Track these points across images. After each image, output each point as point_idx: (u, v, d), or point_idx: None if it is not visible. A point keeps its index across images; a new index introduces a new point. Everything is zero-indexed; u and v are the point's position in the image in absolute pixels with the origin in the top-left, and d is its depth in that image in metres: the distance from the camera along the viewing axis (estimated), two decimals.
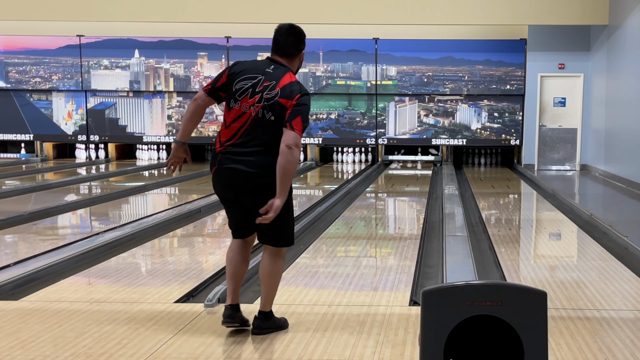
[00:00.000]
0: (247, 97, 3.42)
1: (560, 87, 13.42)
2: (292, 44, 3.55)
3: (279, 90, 3.41)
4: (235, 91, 3.45)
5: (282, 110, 3.39)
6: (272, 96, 3.40)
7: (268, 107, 3.40)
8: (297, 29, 3.59)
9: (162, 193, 10.05)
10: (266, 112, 3.40)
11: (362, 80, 13.95)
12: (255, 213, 3.42)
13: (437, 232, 6.68)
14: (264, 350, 3.35)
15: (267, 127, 3.40)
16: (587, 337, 3.57)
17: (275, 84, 3.42)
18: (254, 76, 3.46)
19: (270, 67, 3.49)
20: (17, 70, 14.41)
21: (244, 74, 3.46)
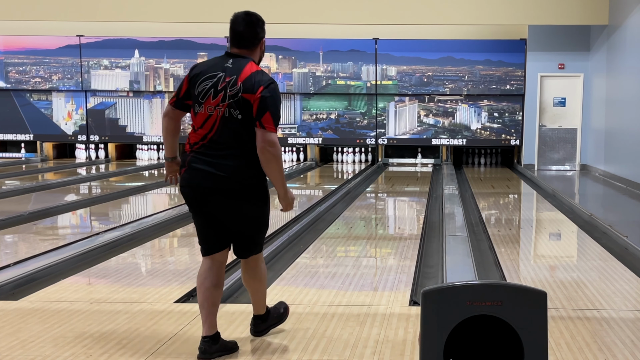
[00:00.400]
0: (209, 98, 3.18)
1: (560, 87, 13.41)
2: (251, 34, 3.30)
3: (241, 85, 3.15)
4: (198, 94, 3.21)
5: (248, 106, 3.14)
6: (235, 92, 3.15)
7: (234, 104, 3.14)
8: (254, 16, 3.34)
9: (162, 193, 10.05)
10: (233, 111, 3.15)
11: (362, 80, 13.95)
12: (225, 222, 3.25)
13: (437, 232, 6.67)
14: (264, 350, 3.35)
15: (237, 126, 3.16)
16: (587, 337, 3.57)
17: (236, 79, 3.17)
18: (213, 74, 3.21)
19: (229, 61, 3.25)
20: (17, 70, 14.41)
21: (204, 75, 3.23)
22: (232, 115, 3.15)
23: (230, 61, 3.24)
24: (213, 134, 3.18)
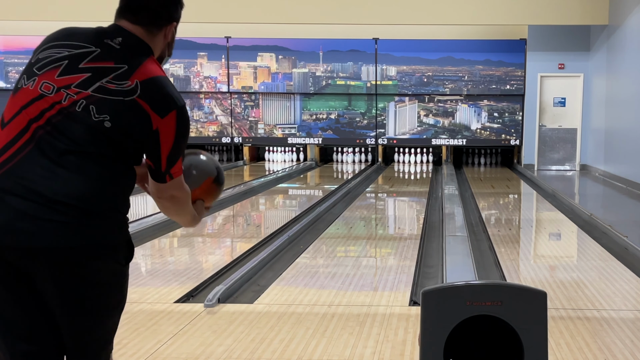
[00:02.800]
0: (54, 72, 1.84)
1: (560, 87, 13.42)
2: (158, 4, 2.01)
3: (138, 85, 1.86)
4: (35, 63, 1.88)
5: (142, 121, 1.85)
6: (120, 89, 1.84)
7: (103, 102, 1.82)
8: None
9: None
10: (94, 110, 1.82)
11: (362, 80, 13.95)
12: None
13: (437, 232, 6.67)
14: (264, 350, 3.35)
15: (90, 134, 1.81)
16: (587, 337, 3.57)
17: (129, 71, 1.87)
18: (78, 44, 1.89)
19: (115, 38, 1.93)
20: (17, 70, 14.40)
21: (58, 41, 1.91)
22: (91, 113, 1.81)
23: (119, 40, 1.93)
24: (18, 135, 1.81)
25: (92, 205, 1.79)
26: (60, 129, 1.79)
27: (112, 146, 1.83)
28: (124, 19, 1.99)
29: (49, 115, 1.79)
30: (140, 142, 1.88)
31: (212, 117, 14.25)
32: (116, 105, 1.82)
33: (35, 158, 1.76)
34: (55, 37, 1.93)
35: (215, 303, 4.02)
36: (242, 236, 6.41)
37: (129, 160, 1.90)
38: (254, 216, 8.17)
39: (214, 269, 5.05)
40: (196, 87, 14.14)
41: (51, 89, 1.82)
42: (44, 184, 1.74)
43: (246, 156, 14.35)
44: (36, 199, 1.73)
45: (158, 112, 1.87)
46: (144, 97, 1.85)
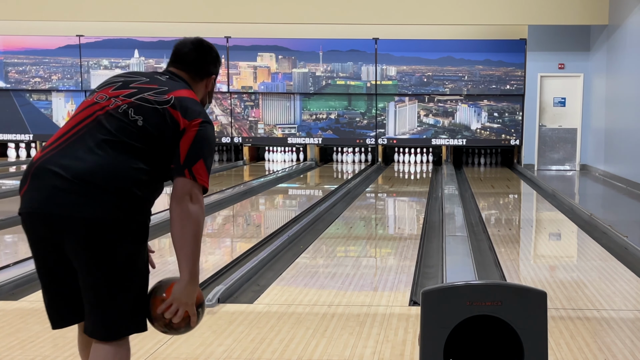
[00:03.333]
0: (109, 88, 2.32)
1: (560, 87, 13.42)
2: (200, 58, 2.46)
3: (173, 98, 2.26)
4: (98, 86, 2.40)
5: (171, 123, 2.23)
6: (158, 99, 2.25)
7: (141, 108, 2.23)
8: (209, 45, 2.50)
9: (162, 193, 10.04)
10: (132, 112, 2.22)
11: (362, 80, 13.95)
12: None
13: (437, 232, 6.67)
14: (264, 350, 3.35)
15: (124, 129, 2.20)
16: (587, 337, 3.57)
17: (167, 90, 2.29)
18: (133, 75, 2.39)
19: (163, 75, 2.41)
20: (17, 70, 14.41)
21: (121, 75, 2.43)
22: (128, 114, 2.21)
23: (166, 77, 2.38)
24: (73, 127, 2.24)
25: (106, 183, 2.13)
26: (102, 123, 2.20)
27: (140, 140, 2.20)
28: (173, 66, 2.47)
29: (97, 114, 2.23)
30: (167, 139, 2.24)
31: (212, 117, 14.25)
32: (150, 110, 2.24)
33: (78, 144, 2.18)
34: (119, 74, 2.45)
35: (215, 303, 4.02)
36: (242, 236, 6.41)
37: (157, 155, 2.25)
38: (254, 216, 8.17)
39: (214, 269, 5.05)
40: None
41: (104, 98, 2.28)
42: (75, 164, 2.14)
43: (246, 156, 14.35)
44: (66, 176, 2.12)
45: (186, 117, 2.26)
46: (176, 107, 2.26)
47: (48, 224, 2.17)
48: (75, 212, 2.12)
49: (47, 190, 2.15)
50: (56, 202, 2.13)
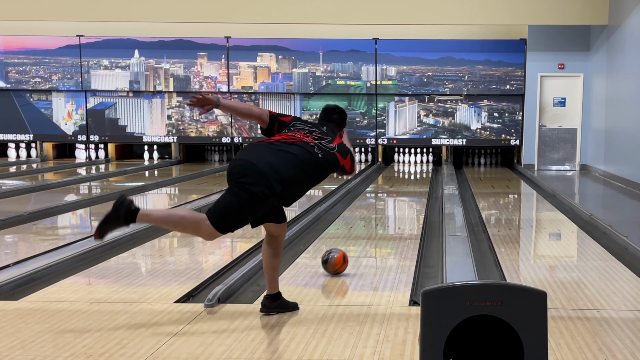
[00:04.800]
0: (302, 132, 3.87)
1: (560, 87, 13.42)
2: (336, 120, 4.08)
3: (337, 147, 3.90)
4: (291, 126, 3.92)
5: (334, 160, 3.86)
6: (330, 148, 3.86)
7: (322, 149, 3.81)
8: (341, 109, 4.14)
9: (162, 193, 10.05)
10: (317, 150, 3.79)
11: (362, 80, 13.95)
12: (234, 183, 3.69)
13: (437, 232, 6.67)
14: (264, 350, 3.35)
15: (309, 154, 3.75)
16: (587, 337, 3.57)
17: (332, 140, 3.91)
18: (309, 126, 3.94)
19: (323, 127, 3.99)
20: (17, 70, 14.41)
21: (302, 123, 3.98)
22: (314, 149, 3.79)
23: (325, 128, 3.99)
24: (289, 139, 3.80)
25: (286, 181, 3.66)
26: (301, 145, 3.78)
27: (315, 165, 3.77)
28: (324, 120, 4.09)
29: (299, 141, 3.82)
30: (330, 171, 3.91)
31: (212, 117, 14.26)
32: (327, 152, 3.84)
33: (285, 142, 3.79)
34: (299, 121, 4.00)
35: (215, 303, 4.02)
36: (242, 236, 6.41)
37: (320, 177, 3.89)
38: None
39: (214, 269, 5.05)
40: (196, 87, 14.14)
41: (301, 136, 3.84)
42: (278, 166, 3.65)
43: None
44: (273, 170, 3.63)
45: (343, 157, 3.93)
46: (338, 151, 3.90)
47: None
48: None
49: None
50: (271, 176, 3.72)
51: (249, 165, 3.59)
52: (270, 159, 3.62)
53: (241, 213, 3.59)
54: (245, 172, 3.58)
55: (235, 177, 3.60)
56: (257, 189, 3.54)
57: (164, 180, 11.23)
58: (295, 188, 3.75)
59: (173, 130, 14.35)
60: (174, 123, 14.35)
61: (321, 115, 4.10)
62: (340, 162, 3.89)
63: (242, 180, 3.57)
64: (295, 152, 3.71)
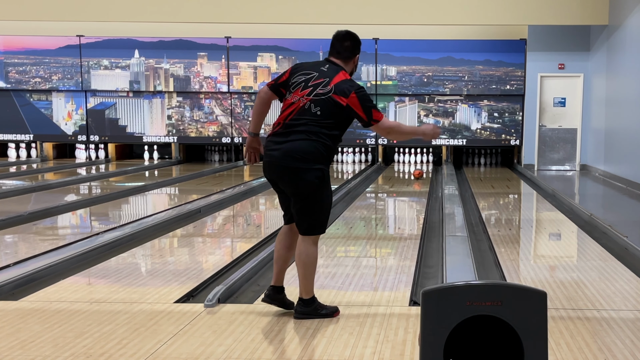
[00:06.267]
0: (298, 89, 3.72)
1: (560, 87, 13.42)
2: (347, 48, 3.84)
3: (333, 87, 3.68)
4: (291, 84, 3.77)
5: (336, 106, 3.66)
6: (325, 92, 3.67)
7: (317, 101, 3.65)
8: (354, 35, 3.89)
9: (162, 193, 10.05)
10: (313, 106, 3.66)
11: (362, 80, 13.95)
12: (291, 198, 3.71)
13: (437, 232, 6.67)
14: (264, 350, 3.35)
15: (310, 118, 3.65)
16: (587, 337, 3.57)
17: (329, 81, 3.70)
18: (308, 72, 3.76)
19: (325, 65, 3.79)
20: (17, 70, 14.41)
21: (301, 70, 3.78)
22: (311, 109, 3.66)
23: (327, 66, 3.79)
24: (287, 120, 3.69)
25: (305, 154, 3.62)
26: (298, 116, 3.68)
27: (320, 125, 3.66)
28: (331, 56, 3.86)
29: (296, 110, 3.69)
30: (341, 117, 3.70)
31: (212, 117, 14.26)
32: (322, 102, 3.67)
33: (283, 128, 3.71)
34: (299, 68, 3.81)
35: (215, 303, 4.02)
36: (242, 236, 6.41)
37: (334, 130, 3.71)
38: (254, 216, 8.17)
39: (214, 269, 5.05)
40: (196, 87, 14.14)
41: (297, 98, 3.72)
42: (282, 140, 3.67)
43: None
44: (279, 145, 3.67)
45: (344, 96, 3.67)
46: (336, 92, 3.68)
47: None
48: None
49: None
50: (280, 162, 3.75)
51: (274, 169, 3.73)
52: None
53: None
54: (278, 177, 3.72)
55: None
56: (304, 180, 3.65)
57: (164, 180, 11.23)
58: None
59: (173, 130, 14.35)
60: (174, 123, 14.35)
61: (331, 45, 3.88)
62: (342, 102, 3.67)
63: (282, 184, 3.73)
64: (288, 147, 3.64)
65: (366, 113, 3.68)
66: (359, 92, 3.68)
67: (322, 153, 3.65)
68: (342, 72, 3.76)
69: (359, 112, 3.68)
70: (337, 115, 3.68)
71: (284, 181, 3.68)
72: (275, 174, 3.71)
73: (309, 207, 3.67)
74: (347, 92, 3.66)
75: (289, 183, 3.66)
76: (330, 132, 3.67)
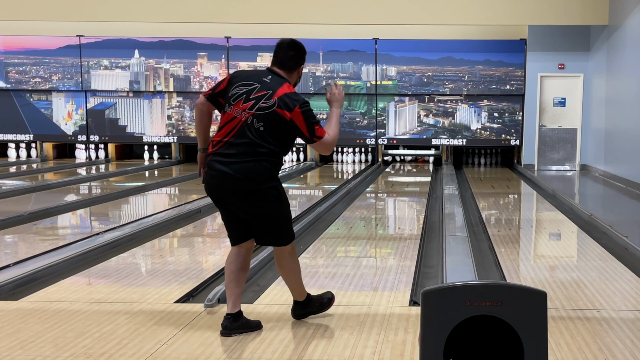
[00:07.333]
0: (240, 102, 3.48)
1: (560, 87, 13.42)
2: (291, 58, 3.63)
3: (277, 101, 3.45)
4: (231, 96, 3.51)
5: (279, 121, 3.44)
6: (268, 105, 3.44)
7: (260, 116, 3.44)
8: (298, 45, 3.67)
9: (162, 193, 10.05)
10: (256, 122, 3.44)
11: (362, 81, 13.95)
12: (243, 218, 3.54)
13: (437, 232, 6.67)
14: (264, 350, 3.35)
15: (254, 134, 3.44)
16: (587, 337, 3.57)
17: (272, 94, 3.47)
18: (250, 83, 3.52)
19: (267, 76, 3.55)
20: (17, 70, 14.41)
21: (242, 81, 3.54)
22: (254, 124, 3.44)
23: (270, 77, 3.55)
24: (231, 137, 3.46)
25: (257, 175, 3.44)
26: (240, 132, 3.46)
27: (265, 141, 3.44)
28: (274, 66, 3.63)
29: (238, 126, 3.46)
30: (285, 131, 3.47)
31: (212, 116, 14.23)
32: (265, 117, 3.45)
33: (227, 146, 3.47)
34: (238, 77, 3.57)
35: (215, 303, 4.02)
36: None
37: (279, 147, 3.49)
38: None
39: (214, 269, 5.05)
40: (196, 87, 14.14)
41: (239, 112, 3.48)
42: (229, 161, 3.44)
43: None
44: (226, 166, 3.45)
45: (288, 110, 3.45)
46: (280, 106, 3.45)
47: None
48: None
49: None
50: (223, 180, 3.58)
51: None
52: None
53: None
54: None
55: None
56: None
57: (164, 180, 11.23)
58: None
59: (173, 130, 14.35)
60: (174, 123, 14.35)
61: (274, 54, 3.65)
62: (286, 116, 3.43)
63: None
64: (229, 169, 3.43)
65: (309, 130, 3.47)
66: (303, 106, 3.46)
67: (272, 170, 3.48)
68: (286, 84, 3.54)
69: (302, 128, 3.46)
70: (281, 130, 3.47)
71: (238, 202, 3.48)
72: (226, 194, 3.48)
73: (274, 224, 3.55)
74: (292, 106, 3.44)
75: (246, 205, 3.48)
76: (276, 149, 3.48)
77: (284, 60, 3.62)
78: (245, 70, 3.70)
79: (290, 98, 3.46)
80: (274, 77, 3.55)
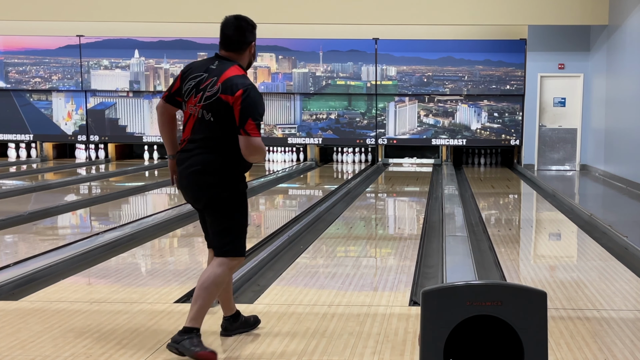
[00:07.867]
0: (192, 97, 3.24)
1: (560, 87, 13.41)
2: (239, 38, 3.29)
3: (220, 86, 3.14)
4: (184, 93, 3.28)
5: (225, 107, 3.12)
6: (212, 93, 3.15)
7: (207, 106, 3.16)
8: (244, 20, 3.32)
9: (162, 193, 10.05)
10: (205, 113, 3.17)
11: (362, 81, 13.95)
12: (206, 216, 3.34)
13: (437, 232, 6.67)
14: (264, 350, 3.35)
15: (207, 128, 3.18)
16: (587, 337, 3.57)
17: (217, 80, 3.17)
18: (198, 74, 3.24)
19: (214, 63, 3.25)
20: (17, 70, 14.41)
21: (191, 74, 3.27)
22: (204, 116, 3.18)
23: (216, 63, 3.25)
24: (190, 135, 3.24)
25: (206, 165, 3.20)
26: (195, 128, 3.23)
27: (217, 133, 3.18)
28: (222, 49, 3.31)
29: (193, 123, 3.24)
30: (228, 117, 3.14)
31: None
32: (211, 106, 3.17)
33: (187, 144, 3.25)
34: (189, 71, 3.30)
35: (215, 303, 4.01)
36: None
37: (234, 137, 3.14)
38: (254, 216, 8.17)
39: None
40: None
41: (192, 108, 3.23)
42: (191, 157, 3.22)
43: None
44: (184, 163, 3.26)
45: (230, 94, 3.12)
46: (223, 91, 3.14)
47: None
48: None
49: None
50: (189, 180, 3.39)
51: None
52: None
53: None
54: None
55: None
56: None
57: (164, 180, 11.22)
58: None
59: None
60: None
61: (220, 37, 3.32)
62: (229, 101, 3.10)
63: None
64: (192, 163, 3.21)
65: (241, 119, 3.09)
66: (246, 91, 3.11)
67: (227, 165, 3.18)
68: (233, 66, 3.22)
69: (235, 113, 3.11)
70: (230, 118, 3.14)
71: (191, 196, 3.30)
72: (184, 191, 3.33)
73: (219, 222, 3.25)
74: (235, 90, 3.11)
75: (196, 197, 3.27)
76: (230, 139, 3.15)
77: (229, 41, 3.27)
78: (195, 62, 3.38)
79: (233, 82, 3.13)
80: (220, 62, 3.25)
